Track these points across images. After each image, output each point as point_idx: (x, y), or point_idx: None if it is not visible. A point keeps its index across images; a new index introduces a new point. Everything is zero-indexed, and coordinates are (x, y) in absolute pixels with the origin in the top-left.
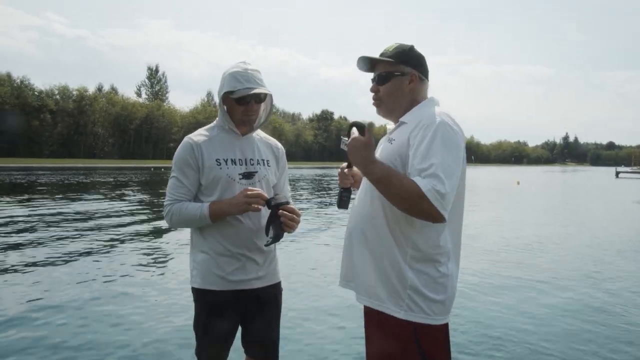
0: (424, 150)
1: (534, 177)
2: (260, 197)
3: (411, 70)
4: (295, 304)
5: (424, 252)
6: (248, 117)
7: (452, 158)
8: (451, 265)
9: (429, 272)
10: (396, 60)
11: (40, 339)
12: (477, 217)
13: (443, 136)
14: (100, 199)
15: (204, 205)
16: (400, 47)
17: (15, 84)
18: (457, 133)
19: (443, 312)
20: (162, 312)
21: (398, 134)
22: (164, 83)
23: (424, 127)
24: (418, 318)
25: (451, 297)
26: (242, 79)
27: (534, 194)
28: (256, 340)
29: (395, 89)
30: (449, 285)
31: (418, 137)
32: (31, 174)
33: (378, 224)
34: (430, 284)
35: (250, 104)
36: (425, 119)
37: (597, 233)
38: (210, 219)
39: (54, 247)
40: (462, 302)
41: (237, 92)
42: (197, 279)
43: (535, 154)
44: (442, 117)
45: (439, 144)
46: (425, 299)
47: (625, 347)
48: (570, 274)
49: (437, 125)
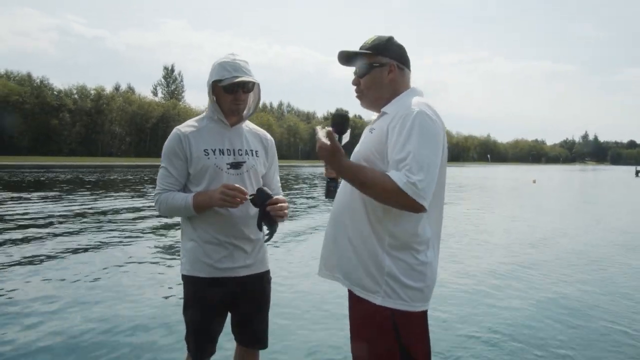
0: (401, 141)
1: (550, 176)
2: (237, 191)
3: (389, 61)
4: (285, 292)
5: (402, 240)
6: (236, 106)
7: (430, 148)
8: (430, 253)
9: (407, 260)
10: (374, 52)
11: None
12: (487, 215)
13: (420, 126)
14: (126, 196)
15: (189, 196)
16: (378, 38)
17: (35, 84)
18: (435, 122)
19: (421, 299)
20: (154, 299)
21: (378, 124)
22: (179, 82)
23: (402, 117)
24: (395, 304)
25: (430, 285)
26: (230, 68)
27: (549, 192)
28: (245, 328)
29: (374, 80)
30: (427, 273)
31: (397, 128)
32: (50, 172)
33: (357, 213)
34: (408, 272)
35: (239, 93)
36: (404, 109)
37: (604, 231)
38: (194, 209)
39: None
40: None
41: (225, 80)
42: (186, 266)
43: (554, 153)
44: (420, 107)
45: (416, 134)
46: (402, 285)
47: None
48: (580, 268)
49: (414, 115)
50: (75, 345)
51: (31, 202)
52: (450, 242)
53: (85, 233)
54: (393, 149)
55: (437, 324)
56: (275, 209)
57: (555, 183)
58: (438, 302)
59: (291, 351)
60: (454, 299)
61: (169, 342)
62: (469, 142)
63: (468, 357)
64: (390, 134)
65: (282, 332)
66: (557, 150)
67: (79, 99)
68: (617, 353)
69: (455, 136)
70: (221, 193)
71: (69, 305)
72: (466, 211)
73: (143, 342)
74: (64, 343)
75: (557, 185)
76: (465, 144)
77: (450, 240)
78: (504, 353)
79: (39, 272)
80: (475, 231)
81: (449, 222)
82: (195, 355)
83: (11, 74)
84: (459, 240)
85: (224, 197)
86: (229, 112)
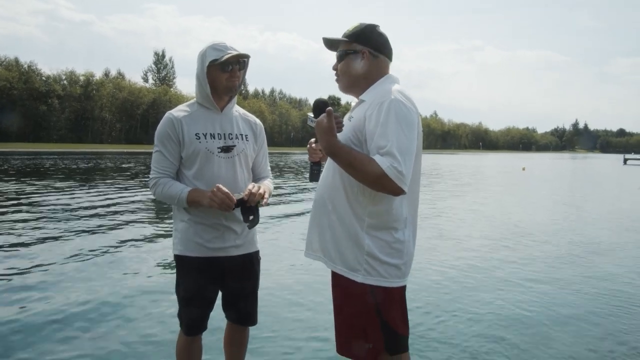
0: (380, 130)
1: (540, 164)
2: (226, 197)
3: (363, 48)
4: (274, 271)
5: (380, 220)
6: (232, 83)
7: (406, 135)
8: (407, 232)
9: (385, 238)
10: (350, 40)
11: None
12: (460, 201)
13: (397, 114)
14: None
15: (185, 190)
16: (358, 26)
17: (23, 69)
18: (409, 109)
19: (399, 275)
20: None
21: (357, 112)
22: (170, 68)
23: (378, 105)
24: (375, 281)
25: (407, 262)
26: (223, 48)
27: (538, 179)
28: (235, 306)
29: (348, 66)
30: (404, 250)
31: (374, 116)
32: (37, 159)
33: (338, 195)
34: (386, 249)
35: (234, 70)
36: (379, 97)
37: (588, 217)
38: (187, 204)
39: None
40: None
41: (221, 58)
42: (178, 246)
43: (544, 141)
44: (395, 95)
45: (393, 121)
46: (381, 263)
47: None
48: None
49: (389, 102)
50: (72, 316)
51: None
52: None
53: (80, 220)
54: (372, 136)
55: (417, 308)
56: (252, 201)
57: (543, 172)
58: (418, 290)
59: (280, 328)
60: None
61: (163, 317)
62: (461, 130)
63: (445, 338)
64: (368, 121)
65: (271, 309)
66: (548, 138)
67: (68, 85)
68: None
69: (447, 124)
70: (211, 195)
71: (61, 284)
72: (473, 202)
73: (138, 317)
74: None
75: (545, 173)
76: (457, 131)
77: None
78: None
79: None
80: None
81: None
82: (188, 331)
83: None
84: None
85: (212, 201)
86: (225, 91)
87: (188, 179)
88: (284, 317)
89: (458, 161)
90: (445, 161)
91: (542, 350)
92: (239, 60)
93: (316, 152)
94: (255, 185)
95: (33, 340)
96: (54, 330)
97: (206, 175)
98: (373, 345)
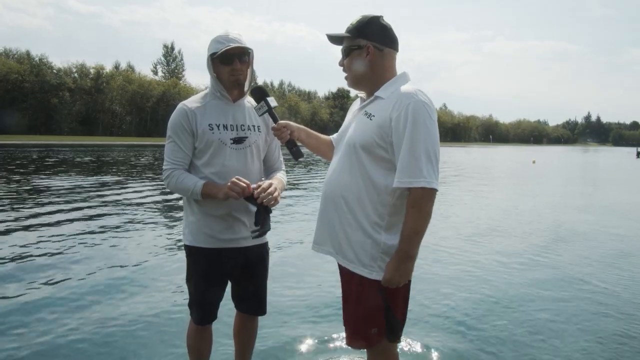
0: (410, 144)
1: (550, 157)
2: (246, 188)
3: (367, 43)
4: (283, 262)
5: (397, 221)
6: (235, 77)
7: (434, 138)
8: None
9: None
10: (352, 35)
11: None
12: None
13: (423, 118)
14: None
15: (199, 183)
16: (360, 20)
17: (34, 62)
18: (432, 109)
19: None
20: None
21: (376, 110)
22: (179, 61)
23: (404, 108)
24: None
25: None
26: (224, 40)
27: (547, 172)
28: (245, 296)
29: (353, 62)
30: None
31: (401, 120)
32: (50, 150)
33: (355, 193)
34: None
35: (235, 63)
36: (404, 98)
37: (596, 210)
38: (201, 196)
39: None
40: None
41: (219, 51)
42: (188, 237)
43: (556, 134)
44: (418, 96)
45: (422, 130)
46: None
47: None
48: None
49: (415, 105)
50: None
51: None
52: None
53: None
54: (402, 149)
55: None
56: (263, 197)
57: (554, 165)
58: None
59: (288, 318)
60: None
61: (173, 307)
62: (471, 123)
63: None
64: (395, 126)
65: (280, 299)
66: (560, 131)
67: (78, 78)
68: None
69: (457, 116)
70: (230, 184)
71: (72, 269)
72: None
73: (148, 306)
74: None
75: (556, 166)
76: (467, 124)
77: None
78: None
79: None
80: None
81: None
82: (198, 321)
83: (10, 51)
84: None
85: (230, 190)
86: (230, 85)
87: (197, 168)
88: (292, 307)
89: (475, 155)
90: (461, 156)
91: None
92: (239, 54)
93: (282, 131)
94: (266, 181)
95: (29, 320)
96: (52, 312)
97: (216, 165)
98: (378, 330)
